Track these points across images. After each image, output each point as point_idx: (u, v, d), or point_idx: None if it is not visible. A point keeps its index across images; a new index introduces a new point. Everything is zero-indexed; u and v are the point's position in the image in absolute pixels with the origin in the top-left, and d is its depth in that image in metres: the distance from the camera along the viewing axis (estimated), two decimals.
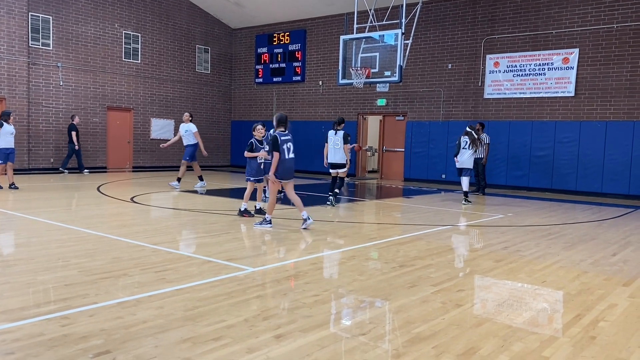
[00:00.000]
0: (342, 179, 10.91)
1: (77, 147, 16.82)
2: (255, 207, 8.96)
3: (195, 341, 3.42)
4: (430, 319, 4.00)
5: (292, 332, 3.63)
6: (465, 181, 12.07)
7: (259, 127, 8.86)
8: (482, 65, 16.32)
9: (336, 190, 10.76)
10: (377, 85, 17.81)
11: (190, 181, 14.28)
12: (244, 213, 8.67)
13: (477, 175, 14.27)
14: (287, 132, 7.86)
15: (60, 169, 17.12)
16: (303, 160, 20.55)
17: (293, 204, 8.07)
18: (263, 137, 8.94)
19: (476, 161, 14.17)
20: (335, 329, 3.80)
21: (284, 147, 7.68)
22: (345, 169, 10.75)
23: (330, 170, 10.90)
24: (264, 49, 21.57)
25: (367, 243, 7.04)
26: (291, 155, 7.82)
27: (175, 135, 15.81)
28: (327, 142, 10.71)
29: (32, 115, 16.78)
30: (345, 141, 10.56)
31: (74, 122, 16.96)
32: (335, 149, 10.62)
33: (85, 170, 17.37)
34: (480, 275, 5.56)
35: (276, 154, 7.59)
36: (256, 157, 8.80)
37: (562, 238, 7.83)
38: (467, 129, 12.36)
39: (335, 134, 10.65)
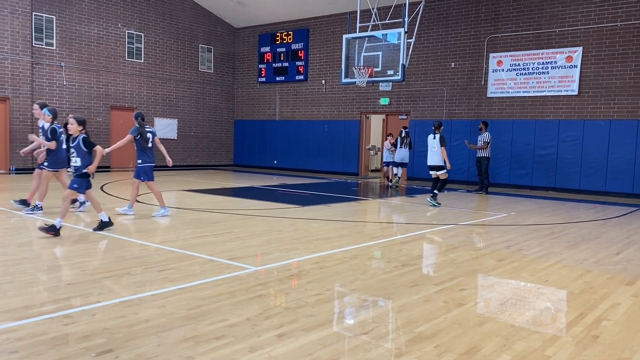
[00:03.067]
0: (443, 180, 11.07)
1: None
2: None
3: (197, 340, 3.43)
4: (433, 318, 4.00)
5: (294, 331, 3.64)
6: (401, 171, 15.25)
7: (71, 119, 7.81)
8: (485, 64, 16.29)
9: (435, 192, 11.02)
10: (380, 84, 17.79)
11: (189, 180, 14.26)
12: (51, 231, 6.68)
13: (480, 174, 14.25)
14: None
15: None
16: (306, 159, 20.58)
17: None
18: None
19: (479, 160, 14.19)
20: (337, 328, 3.80)
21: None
22: (444, 171, 10.95)
23: (430, 172, 11.13)
24: (267, 48, 21.57)
25: (369, 242, 7.04)
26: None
27: None
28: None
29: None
30: (442, 144, 10.81)
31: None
32: (433, 151, 10.88)
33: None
34: (482, 274, 5.55)
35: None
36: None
37: (565, 237, 7.81)
38: (403, 128, 15.07)
39: (434, 137, 10.87)
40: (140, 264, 5.42)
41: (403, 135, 14.86)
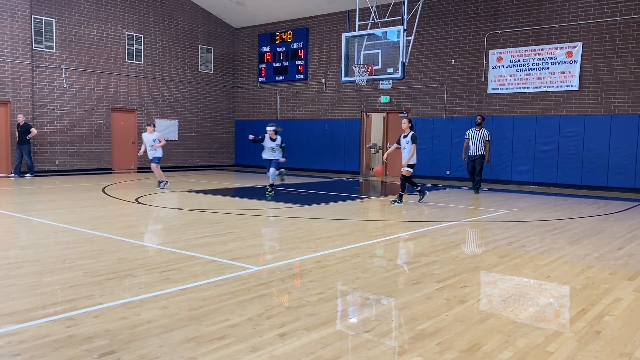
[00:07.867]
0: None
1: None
2: None
3: (199, 340, 3.43)
4: (435, 316, 4.00)
5: (296, 330, 3.64)
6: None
7: None
8: (485, 61, 16.26)
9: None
10: (380, 82, 17.77)
11: (191, 181, 14.28)
12: None
13: (473, 172, 14.15)
14: None
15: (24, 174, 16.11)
16: (306, 158, 20.58)
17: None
18: None
19: (474, 158, 14.13)
20: (339, 327, 3.80)
21: None
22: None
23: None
24: (267, 48, 21.57)
25: (371, 240, 7.04)
26: None
27: None
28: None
29: (37, 117, 16.85)
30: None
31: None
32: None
33: (27, 175, 16.11)
34: (484, 271, 5.55)
35: None
36: None
37: (567, 233, 7.81)
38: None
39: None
40: (142, 265, 5.43)
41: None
